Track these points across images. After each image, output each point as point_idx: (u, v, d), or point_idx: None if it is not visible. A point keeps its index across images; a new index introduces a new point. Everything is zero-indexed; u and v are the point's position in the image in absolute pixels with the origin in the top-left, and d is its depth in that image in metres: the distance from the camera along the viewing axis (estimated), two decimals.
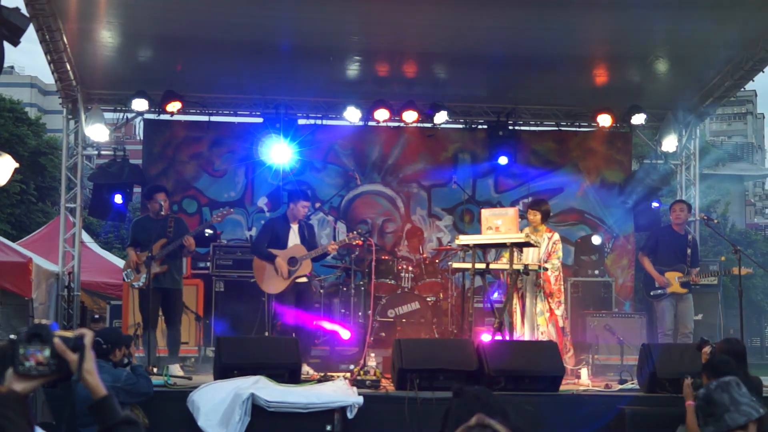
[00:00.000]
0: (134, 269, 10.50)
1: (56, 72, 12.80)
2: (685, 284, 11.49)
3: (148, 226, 10.64)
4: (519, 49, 12.63)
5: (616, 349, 12.02)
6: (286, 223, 10.96)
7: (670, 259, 11.62)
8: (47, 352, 2.80)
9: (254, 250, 11.16)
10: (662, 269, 11.56)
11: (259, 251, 10.86)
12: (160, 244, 10.34)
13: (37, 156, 28.74)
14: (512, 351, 9.47)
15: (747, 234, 43.01)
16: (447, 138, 15.18)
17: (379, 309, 12.04)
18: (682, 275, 11.47)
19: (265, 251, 10.74)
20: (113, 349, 7.67)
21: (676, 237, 11.80)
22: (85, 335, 2.87)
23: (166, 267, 10.39)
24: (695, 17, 11.52)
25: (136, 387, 7.66)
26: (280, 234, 10.84)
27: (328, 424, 8.31)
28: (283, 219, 11.08)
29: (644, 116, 14.06)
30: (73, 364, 2.83)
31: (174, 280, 10.59)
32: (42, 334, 2.81)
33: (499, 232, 10.20)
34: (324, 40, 12.30)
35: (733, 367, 7.23)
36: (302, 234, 10.88)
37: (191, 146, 14.73)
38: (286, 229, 10.89)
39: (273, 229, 10.95)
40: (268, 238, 10.88)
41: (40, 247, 16.00)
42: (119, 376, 7.56)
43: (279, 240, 10.79)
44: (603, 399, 9.22)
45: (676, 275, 11.46)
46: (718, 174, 43.96)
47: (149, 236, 10.43)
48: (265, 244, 10.83)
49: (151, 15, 11.78)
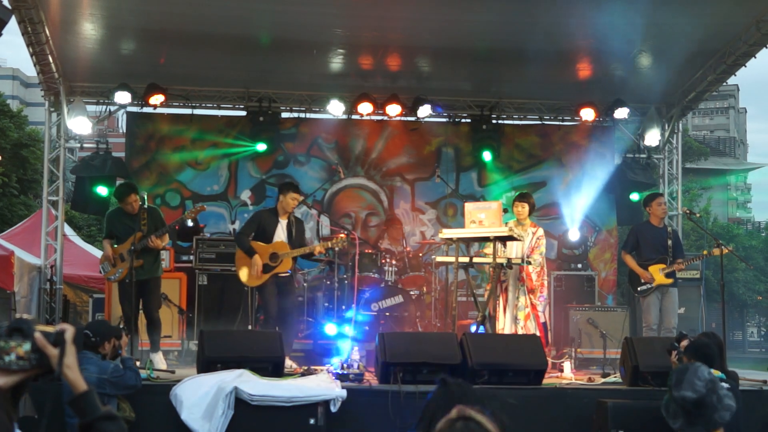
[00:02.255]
0: (110, 263, 10.51)
1: (38, 64, 12.73)
2: (669, 275, 11.50)
3: (123, 218, 10.63)
4: (503, 43, 12.66)
5: (598, 343, 12.06)
6: (275, 216, 10.85)
7: (652, 253, 11.64)
8: (28, 347, 2.79)
9: (237, 239, 11.02)
10: (645, 264, 11.58)
11: (241, 242, 10.76)
12: (136, 237, 10.31)
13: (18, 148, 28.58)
14: (495, 345, 9.50)
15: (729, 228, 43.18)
16: (430, 132, 15.18)
17: (362, 303, 12.04)
18: (666, 266, 11.49)
19: (246, 244, 10.65)
20: (102, 341, 7.67)
21: (655, 231, 11.82)
22: (66, 330, 2.86)
23: (142, 261, 10.36)
24: (678, 11, 11.57)
25: (122, 379, 7.64)
26: (267, 227, 10.76)
27: (312, 417, 8.31)
28: (273, 212, 10.96)
29: (627, 110, 14.10)
30: (54, 359, 2.82)
31: (151, 270, 10.56)
32: (23, 329, 2.80)
33: (482, 226, 10.22)
34: (307, 33, 12.28)
35: (714, 351, 7.38)
36: (290, 230, 10.81)
37: (174, 139, 14.67)
38: (274, 223, 10.79)
39: (260, 222, 10.84)
40: (253, 229, 10.79)
41: (22, 240, 15.93)
42: (106, 368, 7.55)
43: (265, 233, 10.72)
44: (586, 392, 9.26)
45: (660, 267, 11.48)
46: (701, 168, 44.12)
47: (124, 229, 10.45)
48: (249, 235, 10.75)
49: (133, 7, 11.74)
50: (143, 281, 10.42)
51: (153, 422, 8.34)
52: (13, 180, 28.13)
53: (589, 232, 14.91)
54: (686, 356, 7.56)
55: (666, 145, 15.00)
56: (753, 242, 41.86)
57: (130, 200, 10.55)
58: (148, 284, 10.51)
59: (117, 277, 10.43)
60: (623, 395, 8.99)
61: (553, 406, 8.95)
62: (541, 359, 9.33)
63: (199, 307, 12.41)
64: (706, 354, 7.50)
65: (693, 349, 7.54)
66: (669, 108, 14.69)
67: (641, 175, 14.73)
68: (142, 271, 10.39)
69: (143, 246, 10.30)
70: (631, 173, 14.67)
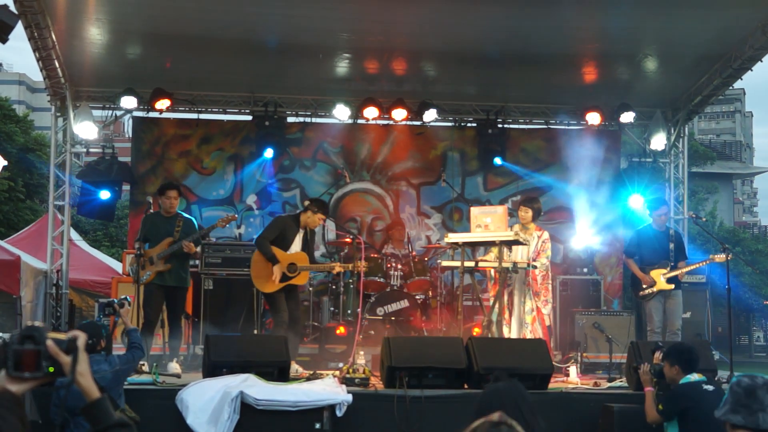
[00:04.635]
0: (140, 266, 10.48)
1: (45, 69, 12.76)
2: (670, 280, 11.46)
3: (158, 222, 10.67)
4: (509, 48, 12.65)
5: (604, 347, 12.02)
6: (296, 225, 10.69)
7: (654, 257, 11.59)
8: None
9: (260, 243, 10.67)
10: (647, 269, 11.55)
11: (264, 247, 10.51)
12: (166, 242, 10.37)
13: (25, 153, 28.61)
14: (501, 349, 9.49)
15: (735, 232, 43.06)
16: (436, 136, 15.18)
17: (368, 307, 12.04)
18: (667, 271, 11.44)
19: (270, 250, 10.44)
20: (99, 340, 7.69)
21: (657, 235, 11.76)
22: (79, 337, 2.86)
23: (170, 266, 10.38)
24: (684, 15, 11.56)
25: (134, 361, 7.77)
26: (287, 235, 10.61)
27: (317, 422, 8.31)
28: (295, 220, 10.78)
29: (633, 114, 14.07)
30: (67, 367, 2.82)
31: (180, 278, 10.58)
32: (35, 336, 2.80)
33: (488, 230, 10.21)
34: (313, 37, 12.29)
35: (695, 354, 7.45)
36: (305, 241, 10.73)
37: (180, 144, 14.69)
38: (294, 232, 10.65)
39: (282, 228, 10.66)
40: (276, 234, 10.58)
41: (28, 244, 15.96)
42: (114, 361, 7.57)
43: (285, 241, 10.57)
44: (592, 397, 9.25)
45: (661, 272, 11.43)
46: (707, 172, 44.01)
47: (158, 233, 10.49)
48: (271, 240, 10.55)
49: (139, 12, 11.77)
50: (172, 288, 10.47)
51: (159, 427, 8.33)
52: (19, 185, 28.16)
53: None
54: (668, 361, 7.60)
55: (672, 149, 14.97)
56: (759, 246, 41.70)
57: (170, 194, 10.62)
58: (176, 291, 10.56)
59: (145, 280, 10.42)
60: (629, 400, 8.97)
61: (559, 411, 8.93)
62: (547, 363, 9.32)
63: (204, 312, 12.41)
64: (687, 359, 7.52)
65: (675, 353, 7.59)
66: (675, 112, 14.67)
67: (647, 179, 14.71)
68: (170, 277, 10.42)
69: (173, 251, 10.35)
70: (637, 177, 14.65)
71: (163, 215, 10.73)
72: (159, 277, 10.33)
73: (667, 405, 7.53)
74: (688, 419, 7.28)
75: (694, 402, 7.23)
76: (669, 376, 7.64)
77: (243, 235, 14.52)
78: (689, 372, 7.46)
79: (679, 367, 7.50)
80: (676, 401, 7.46)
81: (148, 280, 10.35)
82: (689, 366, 7.50)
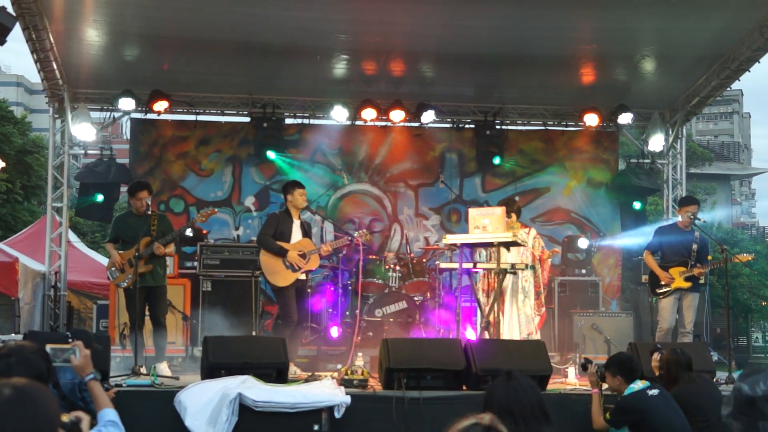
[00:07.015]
0: (119, 269, 10.32)
1: (42, 71, 12.77)
2: (688, 278, 11.31)
3: (132, 222, 10.40)
4: (506, 49, 12.66)
5: (603, 348, 12.02)
6: (289, 217, 10.70)
7: (674, 256, 11.41)
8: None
9: (262, 241, 10.66)
10: (666, 266, 11.38)
11: (269, 244, 10.51)
12: (144, 242, 10.18)
13: (23, 155, 28.58)
14: (499, 350, 9.48)
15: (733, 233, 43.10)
16: (434, 137, 15.20)
17: (366, 308, 12.03)
18: (686, 270, 11.28)
19: (274, 244, 10.45)
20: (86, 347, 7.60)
21: (681, 234, 11.52)
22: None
23: (151, 266, 10.23)
24: (681, 17, 11.57)
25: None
26: (284, 228, 10.62)
27: (316, 423, 8.29)
28: (286, 213, 10.78)
29: (631, 116, 14.10)
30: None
31: (159, 277, 10.36)
32: None
33: (486, 232, 10.20)
34: (311, 38, 12.29)
35: (636, 362, 7.49)
36: (304, 230, 10.74)
37: (178, 145, 14.70)
38: (290, 223, 10.66)
39: (277, 223, 10.68)
40: (274, 230, 10.60)
41: (26, 246, 15.96)
42: None
43: (284, 234, 10.57)
44: (590, 398, 9.24)
45: (680, 270, 11.28)
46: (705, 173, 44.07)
47: (133, 233, 10.28)
48: (272, 235, 10.55)
49: (137, 14, 11.76)
50: (150, 288, 10.28)
51: (157, 428, 8.32)
52: (17, 186, 28.13)
53: (593, 237, 14.88)
54: (609, 372, 7.61)
55: (670, 150, 14.99)
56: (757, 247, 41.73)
57: (140, 195, 10.30)
58: (155, 291, 10.38)
59: (126, 283, 10.27)
60: None
61: (557, 412, 8.81)
62: (546, 365, 9.30)
63: (203, 314, 12.40)
64: (629, 368, 7.53)
65: (615, 364, 7.60)
66: (673, 113, 14.69)
67: (645, 180, 14.74)
68: (150, 278, 10.27)
69: (150, 252, 10.19)
70: (635, 179, 14.67)
71: (135, 214, 10.42)
72: (140, 278, 10.08)
73: (615, 416, 7.55)
74: (639, 429, 7.29)
75: (642, 413, 7.21)
76: (612, 386, 7.65)
77: (241, 237, 14.53)
78: (631, 381, 7.45)
79: (622, 378, 7.50)
80: (624, 415, 7.43)
81: (129, 282, 10.10)
82: (630, 374, 7.49)
